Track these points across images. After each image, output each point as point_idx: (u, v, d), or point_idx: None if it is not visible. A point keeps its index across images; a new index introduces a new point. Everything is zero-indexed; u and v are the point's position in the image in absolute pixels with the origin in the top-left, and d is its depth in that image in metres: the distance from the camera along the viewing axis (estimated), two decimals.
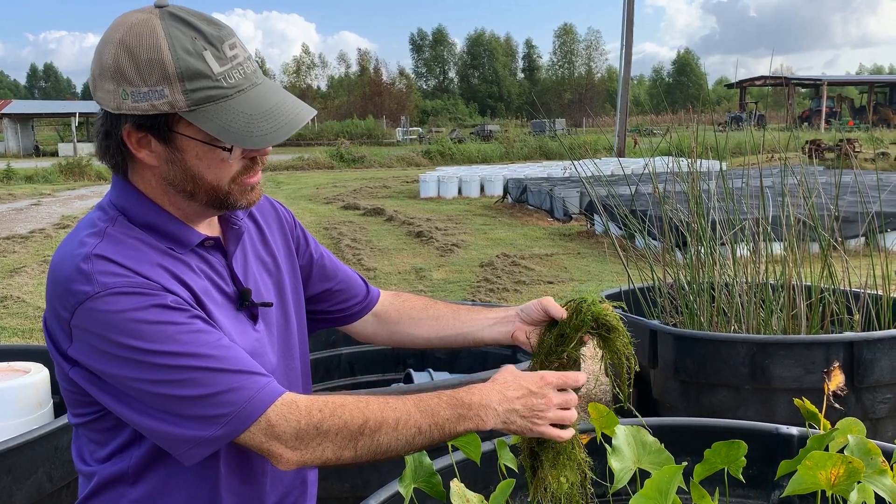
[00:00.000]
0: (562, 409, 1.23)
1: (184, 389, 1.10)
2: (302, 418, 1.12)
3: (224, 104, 1.12)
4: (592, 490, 1.33)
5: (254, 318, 1.31)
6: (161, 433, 1.13)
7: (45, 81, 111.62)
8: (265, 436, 1.12)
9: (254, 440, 1.13)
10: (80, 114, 39.11)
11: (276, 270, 1.42)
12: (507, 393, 1.21)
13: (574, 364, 1.35)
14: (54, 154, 33.71)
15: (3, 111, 37.91)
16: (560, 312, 1.38)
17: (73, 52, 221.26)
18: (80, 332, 1.12)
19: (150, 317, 1.11)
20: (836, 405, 1.42)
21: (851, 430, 1.30)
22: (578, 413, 1.27)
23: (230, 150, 1.17)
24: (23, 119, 38.44)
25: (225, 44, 1.13)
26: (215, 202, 1.22)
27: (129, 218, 1.21)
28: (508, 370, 1.26)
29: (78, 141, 36.97)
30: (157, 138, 1.15)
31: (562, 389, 1.24)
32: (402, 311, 1.59)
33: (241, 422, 1.11)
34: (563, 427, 1.24)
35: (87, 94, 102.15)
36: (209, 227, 1.31)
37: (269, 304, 1.34)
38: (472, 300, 6.54)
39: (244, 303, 1.29)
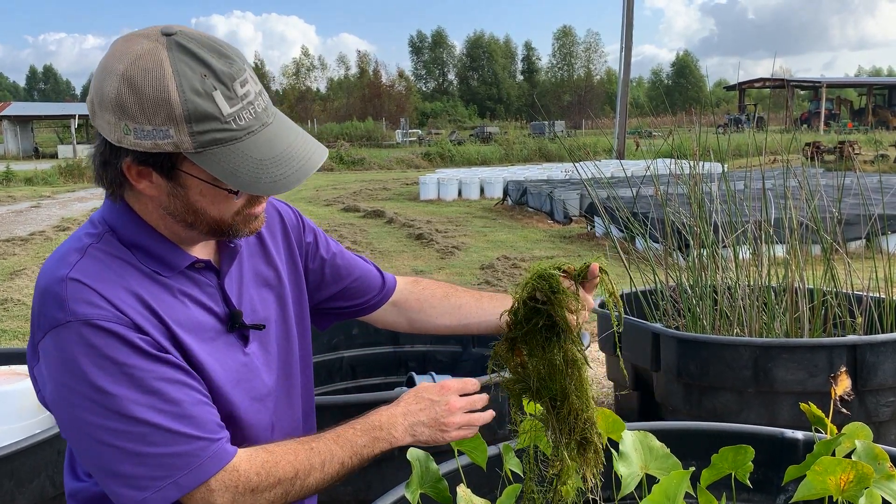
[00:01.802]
0: (467, 412, 1.30)
1: (128, 443, 1.07)
2: (240, 484, 1.13)
3: (232, 147, 1.06)
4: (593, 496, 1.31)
5: (245, 340, 1.29)
6: (102, 482, 1.11)
7: (45, 83, 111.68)
8: (202, 499, 1.12)
9: (192, 499, 1.12)
10: (79, 116, 39.07)
11: (278, 283, 1.38)
12: (410, 407, 1.28)
13: (553, 334, 1.22)
14: (54, 156, 33.67)
15: (3, 113, 37.87)
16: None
17: (73, 54, 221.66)
18: (45, 355, 1.10)
19: (118, 357, 1.08)
20: (843, 410, 1.42)
21: (858, 435, 1.29)
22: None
23: (237, 193, 1.14)
24: (22, 121, 38.41)
25: (236, 81, 1.06)
26: (216, 233, 1.20)
27: (118, 236, 1.17)
28: (415, 388, 1.32)
29: (77, 143, 36.96)
30: (160, 173, 1.10)
31: (466, 394, 1.30)
32: (422, 300, 1.59)
33: (180, 488, 1.09)
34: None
35: (86, 97, 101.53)
36: (203, 248, 1.27)
37: (260, 327, 1.31)
38: None
39: (234, 325, 1.26)
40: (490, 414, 1.32)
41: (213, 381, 1.20)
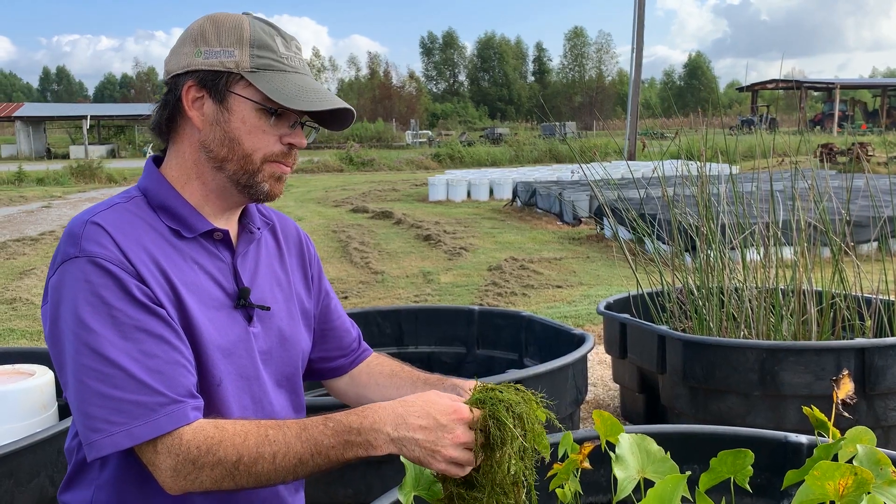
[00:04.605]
0: (467, 448, 1.15)
1: (95, 381, 1.12)
2: (181, 453, 1.13)
3: (281, 74, 1.26)
4: None
5: (248, 319, 1.32)
6: (75, 422, 1.17)
7: (58, 84, 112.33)
8: (149, 460, 1.15)
9: (142, 457, 1.16)
10: (91, 116, 39.34)
11: (288, 288, 1.43)
12: (408, 419, 1.14)
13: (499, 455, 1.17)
14: (66, 157, 33.86)
15: (16, 114, 38.17)
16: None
17: (87, 55, 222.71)
18: (52, 290, 1.18)
19: (109, 297, 1.14)
20: (846, 414, 1.39)
21: (861, 440, 1.27)
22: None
23: (276, 116, 1.25)
24: (35, 122, 38.67)
25: (292, 42, 1.31)
26: (242, 176, 1.27)
27: (147, 199, 1.28)
28: (426, 394, 1.19)
29: (89, 143, 37.19)
30: (213, 97, 1.25)
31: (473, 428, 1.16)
32: (371, 376, 1.57)
33: (132, 438, 1.12)
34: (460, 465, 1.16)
35: (99, 97, 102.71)
36: (225, 224, 1.34)
37: (266, 308, 1.34)
38: (480, 303, 6.52)
39: (241, 301, 1.30)
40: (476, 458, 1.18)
41: (205, 345, 1.23)
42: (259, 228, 1.41)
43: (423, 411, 1.15)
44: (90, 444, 1.12)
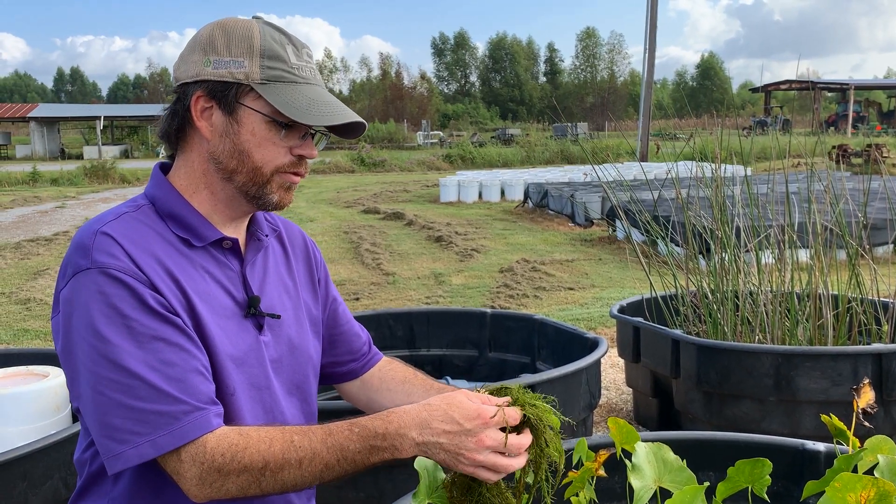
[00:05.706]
0: (497, 451, 1.12)
1: (116, 393, 1.11)
2: (206, 462, 1.12)
3: (292, 86, 1.24)
4: None
5: (259, 328, 1.32)
6: (93, 434, 1.15)
7: (72, 85, 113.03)
8: (173, 469, 1.14)
9: (166, 467, 1.15)
10: (105, 117, 39.56)
11: (296, 295, 1.43)
12: (432, 424, 1.13)
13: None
14: (79, 157, 34.05)
15: (31, 115, 38.41)
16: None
17: (101, 56, 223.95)
18: (64, 303, 1.17)
19: (124, 308, 1.13)
20: (866, 423, 1.37)
21: (881, 449, 1.25)
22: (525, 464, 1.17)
23: (286, 128, 1.24)
24: (49, 122, 38.91)
25: (303, 50, 1.29)
26: (251, 188, 1.27)
27: (156, 207, 1.27)
28: (452, 395, 1.16)
29: (103, 144, 37.41)
30: (222, 109, 1.24)
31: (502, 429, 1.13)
32: (383, 381, 1.56)
33: (157, 448, 1.11)
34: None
35: (112, 98, 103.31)
36: (234, 233, 1.33)
37: (276, 316, 1.34)
38: (492, 306, 6.50)
39: (251, 310, 1.30)
40: (520, 461, 1.15)
41: (218, 355, 1.22)
42: (267, 236, 1.40)
43: (447, 415, 1.13)
44: (115, 455, 1.11)
